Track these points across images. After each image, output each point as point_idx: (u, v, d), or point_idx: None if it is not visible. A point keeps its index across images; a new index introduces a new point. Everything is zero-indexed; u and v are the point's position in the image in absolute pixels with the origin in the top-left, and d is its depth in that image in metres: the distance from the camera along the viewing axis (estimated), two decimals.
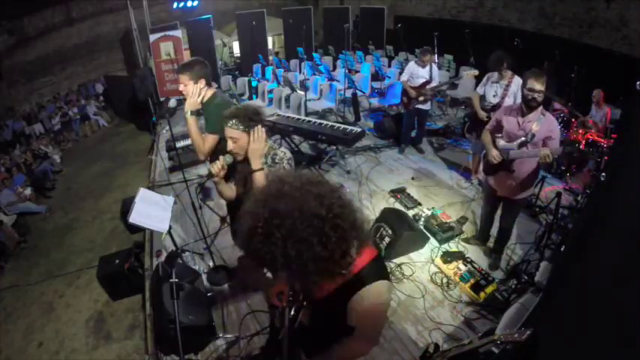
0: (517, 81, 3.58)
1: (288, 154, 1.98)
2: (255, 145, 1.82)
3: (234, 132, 1.84)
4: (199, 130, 2.37)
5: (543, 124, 2.48)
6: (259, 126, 1.83)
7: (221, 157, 1.91)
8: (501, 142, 2.70)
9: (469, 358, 1.84)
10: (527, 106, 2.50)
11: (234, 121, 1.83)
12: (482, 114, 3.84)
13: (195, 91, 2.31)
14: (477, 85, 4.17)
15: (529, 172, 2.65)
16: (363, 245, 1.08)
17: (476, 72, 4.63)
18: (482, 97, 3.94)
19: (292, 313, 1.28)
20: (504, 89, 3.63)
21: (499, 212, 3.08)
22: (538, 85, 2.39)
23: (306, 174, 1.03)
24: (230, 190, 2.10)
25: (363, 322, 1.14)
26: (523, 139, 2.55)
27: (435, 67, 4.69)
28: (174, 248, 3.07)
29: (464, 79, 5.21)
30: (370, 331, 1.19)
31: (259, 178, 1.82)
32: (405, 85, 4.75)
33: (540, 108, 2.52)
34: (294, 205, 0.91)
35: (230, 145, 1.88)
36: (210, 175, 1.93)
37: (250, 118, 1.83)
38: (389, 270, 2.52)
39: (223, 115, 1.90)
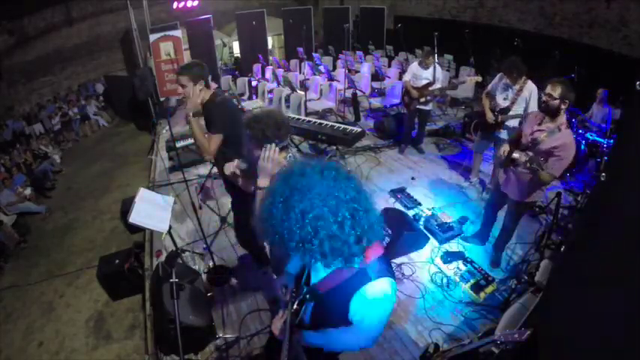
0: (530, 87, 3.50)
1: None
2: (264, 163, 1.57)
3: (248, 142, 1.67)
4: (202, 131, 2.38)
5: (553, 138, 2.40)
6: (273, 145, 1.55)
7: (236, 161, 1.85)
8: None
9: (469, 358, 1.85)
10: (540, 109, 2.50)
11: (247, 132, 1.62)
12: (490, 116, 3.74)
13: (194, 93, 2.32)
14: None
15: (530, 177, 2.59)
16: (373, 240, 1.08)
17: (479, 78, 4.60)
18: (492, 97, 3.86)
19: (295, 306, 1.29)
20: (515, 94, 3.56)
21: (502, 213, 3.09)
22: (549, 90, 2.36)
23: (326, 161, 1.09)
24: (246, 184, 2.01)
25: (364, 318, 1.14)
26: (527, 144, 2.55)
27: (438, 68, 4.65)
28: (174, 248, 3.07)
29: (466, 83, 5.18)
30: (370, 329, 1.20)
31: (260, 197, 1.61)
32: (408, 86, 4.73)
33: (561, 121, 2.43)
34: (314, 184, 0.97)
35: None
36: (224, 175, 1.89)
37: (264, 133, 1.58)
38: None
39: (246, 116, 1.75)
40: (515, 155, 2.51)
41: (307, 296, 1.27)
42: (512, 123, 3.66)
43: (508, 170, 2.76)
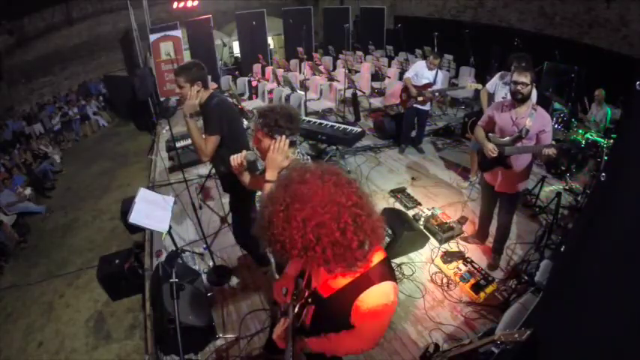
0: None
1: None
2: (273, 155, 1.63)
3: (258, 131, 1.70)
4: (200, 132, 2.37)
5: (536, 119, 2.54)
6: (284, 137, 1.63)
7: (243, 152, 1.84)
8: (498, 139, 2.72)
9: (469, 358, 1.84)
10: (514, 99, 2.56)
11: (260, 120, 1.66)
12: None
13: (192, 94, 2.31)
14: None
15: (524, 166, 2.70)
16: (375, 243, 1.07)
17: (479, 86, 4.61)
18: (491, 97, 3.87)
19: (296, 309, 1.28)
20: None
21: (497, 210, 3.09)
22: (521, 78, 2.47)
23: (326, 165, 1.06)
24: (249, 179, 2.00)
25: (367, 322, 1.14)
26: (517, 134, 2.58)
27: (439, 72, 4.68)
28: (174, 248, 3.07)
29: (466, 88, 5.19)
30: (372, 332, 1.19)
31: (267, 190, 1.62)
32: (408, 82, 4.73)
33: (531, 102, 2.57)
34: (315, 190, 0.94)
35: (254, 142, 1.78)
36: (229, 168, 1.85)
37: (277, 123, 1.64)
38: None
39: (257, 109, 1.81)
40: (549, 151, 2.45)
41: (309, 300, 1.26)
42: None
43: (495, 167, 2.78)
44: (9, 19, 9.60)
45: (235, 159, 1.81)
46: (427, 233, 3.53)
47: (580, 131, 4.46)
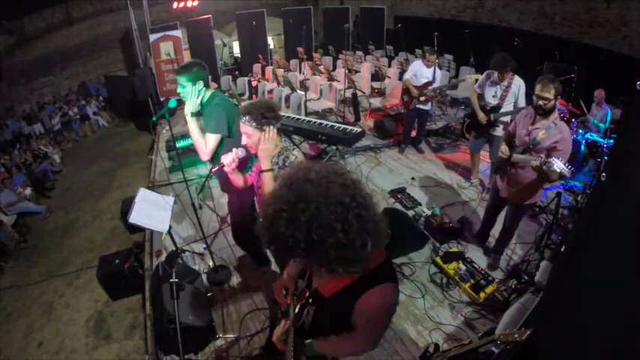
0: (517, 82, 3.57)
1: (301, 158, 1.94)
2: (265, 145, 1.76)
3: (246, 128, 1.81)
4: (200, 131, 2.38)
5: (551, 134, 2.42)
6: (271, 127, 1.77)
7: (234, 150, 1.91)
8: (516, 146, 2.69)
9: (469, 358, 1.84)
10: (537, 113, 2.50)
11: (247, 117, 1.78)
12: (482, 116, 3.80)
13: (193, 93, 2.32)
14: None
15: (532, 179, 2.59)
16: (377, 244, 1.06)
17: (479, 76, 4.63)
18: (481, 97, 3.90)
19: (297, 310, 1.28)
20: (504, 90, 3.62)
21: (502, 214, 3.09)
22: (544, 93, 2.37)
23: (331, 164, 1.05)
24: (242, 179, 2.11)
25: (368, 323, 1.13)
26: (527, 144, 2.55)
27: (437, 69, 4.68)
28: (174, 248, 3.07)
29: (466, 81, 5.19)
30: (373, 332, 1.19)
31: (267, 179, 1.78)
32: (408, 84, 4.71)
33: (554, 116, 2.46)
34: (319, 190, 0.93)
35: (244, 140, 1.86)
36: (221, 166, 1.93)
37: (263, 115, 1.77)
38: None
39: (239, 110, 1.89)
40: (533, 162, 2.39)
41: (309, 300, 1.26)
42: (506, 118, 3.68)
43: (504, 174, 2.77)
44: (9, 19, 9.60)
45: (227, 157, 1.90)
46: (427, 233, 3.53)
47: (580, 131, 4.46)
